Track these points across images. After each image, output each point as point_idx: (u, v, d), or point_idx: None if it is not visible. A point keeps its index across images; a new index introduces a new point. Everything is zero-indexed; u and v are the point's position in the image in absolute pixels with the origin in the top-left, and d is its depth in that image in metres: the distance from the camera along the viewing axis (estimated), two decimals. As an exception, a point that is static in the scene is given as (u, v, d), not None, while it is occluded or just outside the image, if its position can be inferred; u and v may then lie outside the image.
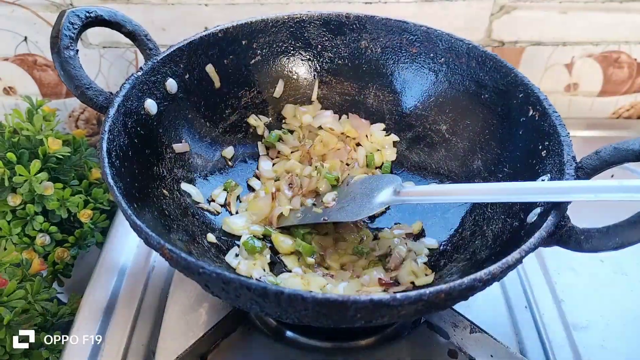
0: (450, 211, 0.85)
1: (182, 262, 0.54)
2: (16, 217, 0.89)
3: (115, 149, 0.69)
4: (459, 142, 0.89)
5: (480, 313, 0.82)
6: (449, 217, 0.85)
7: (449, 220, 0.85)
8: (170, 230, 0.74)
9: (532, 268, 0.92)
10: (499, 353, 0.74)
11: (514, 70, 0.80)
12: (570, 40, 1.13)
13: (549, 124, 0.71)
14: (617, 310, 0.87)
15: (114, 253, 0.92)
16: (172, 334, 0.79)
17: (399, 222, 0.88)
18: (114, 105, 0.71)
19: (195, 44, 0.85)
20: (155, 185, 0.78)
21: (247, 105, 0.96)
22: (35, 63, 1.14)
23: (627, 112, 1.26)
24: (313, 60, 0.97)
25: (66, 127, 1.25)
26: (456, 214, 0.84)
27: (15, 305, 0.78)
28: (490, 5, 1.07)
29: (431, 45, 0.90)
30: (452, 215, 0.85)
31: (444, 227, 0.85)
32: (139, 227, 0.58)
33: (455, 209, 0.85)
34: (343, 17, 0.93)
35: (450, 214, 0.85)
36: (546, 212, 0.63)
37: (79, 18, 0.72)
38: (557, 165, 0.67)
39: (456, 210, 0.84)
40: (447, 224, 0.84)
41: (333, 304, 0.50)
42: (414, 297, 0.50)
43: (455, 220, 0.84)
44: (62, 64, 0.71)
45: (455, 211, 0.85)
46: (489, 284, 0.55)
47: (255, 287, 0.51)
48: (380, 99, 0.97)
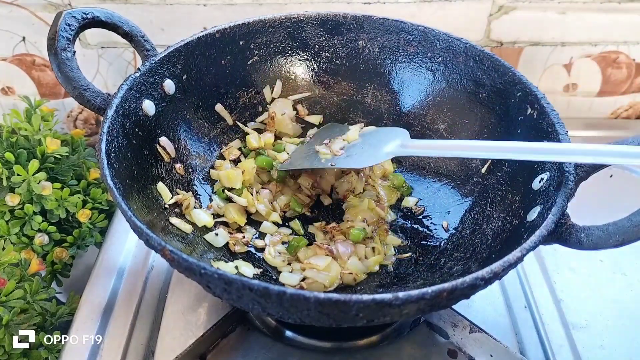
0: (450, 210, 0.85)
1: (184, 263, 0.54)
2: (14, 217, 0.89)
3: (114, 150, 0.69)
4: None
5: (479, 313, 0.82)
6: (449, 216, 0.85)
7: (448, 219, 0.85)
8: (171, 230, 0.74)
9: (532, 268, 0.92)
10: (499, 353, 0.74)
11: (512, 69, 0.80)
12: (569, 40, 1.13)
13: (548, 122, 0.72)
14: (617, 310, 0.87)
15: (112, 253, 0.92)
16: (171, 334, 0.78)
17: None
18: (112, 106, 0.71)
19: (192, 45, 0.85)
20: (154, 186, 0.78)
21: (245, 105, 0.96)
22: (34, 63, 1.14)
23: (626, 112, 1.26)
24: (311, 60, 0.97)
25: (64, 127, 1.25)
26: (456, 212, 0.84)
27: (14, 305, 0.78)
28: (489, 5, 1.07)
29: (429, 45, 0.90)
30: (452, 214, 0.85)
31: (443, 227, 0.85)
32: (140, 228, 0.58)
33: (455, 208, 0.85)
34: (340, 17, 0.93)
35: (450, 214, 0.85)
36: (546, 210, 0.63)
37: (75, 19, 0.72)
38: (556, 164, 0.67)
39: (456, 208, 0.85)
40: (447, 223, 0.85)
41: (335, 304, 0.50)
42: (416, 296, 0.50)
43: (455, 218, 0.84)
44: (60, 65, 0.71)
45: (455, 210, 0.85)
46: (490, 282, 0.55)
47: (257, 287, 0.50)
48: (378, 99, 0.97)
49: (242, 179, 0.86)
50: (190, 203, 0.81)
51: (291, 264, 0.80)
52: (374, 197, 0.89)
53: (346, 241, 0.81)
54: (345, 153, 0.86)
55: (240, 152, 0.93)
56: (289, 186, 0.90)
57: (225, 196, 0.85)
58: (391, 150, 0.81)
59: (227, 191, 0.85)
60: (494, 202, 0.79)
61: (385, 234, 0.85)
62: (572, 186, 0.63)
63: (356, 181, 0.90)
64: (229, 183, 0.86)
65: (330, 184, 0.90)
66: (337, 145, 0.88)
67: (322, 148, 0.88)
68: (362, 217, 0.85)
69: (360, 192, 0.90)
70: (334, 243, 0.81)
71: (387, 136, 0.84)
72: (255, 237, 0.83)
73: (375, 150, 0.83)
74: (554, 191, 0.65)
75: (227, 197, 0.85)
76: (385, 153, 0.81)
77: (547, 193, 0.67)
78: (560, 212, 0.61)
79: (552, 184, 0.67)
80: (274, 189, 0.89)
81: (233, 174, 0.85)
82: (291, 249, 0.80)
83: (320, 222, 0.86)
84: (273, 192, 0.88)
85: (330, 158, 0.86)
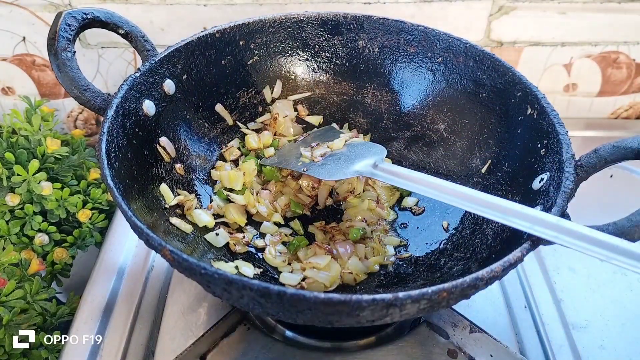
0: (450, 210, 0.85)
1: (184, 263, 0.54)
2: (15, 217, 0.89)
3: (114, 150, 0.69)
4: (458, 141, 0.89)
5: (479, 313, 0.82)
6: (449, 216, 0.85)
7: (448, 219, 0.85)
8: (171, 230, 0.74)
9: (532, 268, 0.92)
10: (499, 353, 0.74)
11: (512, 69, 0.80)
12: (569, 40, 1.13)
13: (548, 122, 0.71)
14: (617, 310, 0.87)
15: (112, 253, 0.92)
16: (171, 334, 0.79)
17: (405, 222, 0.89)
18: (112, 106, 0.71)
19: (192, 45, 0.85)
20: (154, 186, 0.78)
21: (245, 105, 0.96)
22: (34, 63, 1.14)
23: (626, 112, 1.26)
24: (311, 60, 0.97)
25: (64, 127, 1.25)
26: (456, 212, 0.84)
27: (14, 305, 0.78)
28: (489, 5, 1.07)
29: (429, 45, 0.90)
30: (452, 214, 0.85)
31: (443, 227, 0.85)
32: (140, 228, 0.57)
33: (455, 208, 0.85)
34: (340, 17, 0.93)
35: (450, 213, 0.85)
36: (546, 210, 0.63)
37: (75, 19, 0.72)
38: (557, 164, 0.67)
39: (456, 208, 0.84)
40: (447, 223, 0.85)
41: (335, 304, 0.50)
42: (415, 296, 0.50)
43: (455, 218, 0.84)
44: (60, 65, 0.71)
45: (455, 210, 0.85)
46: (490, 282, 0.55)
47: (257, 287, 0.50)
48: (378, 99, 0.97)
49: (242, 181, 0.86)
50: (192, 204, 0.81)
51: (291, 264, 0.80)
52: (373, 198, 0.89)
53: (346, 241, 0.81)
54: (322, 161, 0.86)
55: (240, 153, 0.93)
56: (290, 187, 0.90)
57: (226, 196, 0.85)
58: (360, 169, 0.80)
59: (227, 191, 0.85)
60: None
61: (385, 234, 0.85)
62: (572, 186, 0.63)
63: (356, 182, 0.89)
64: (229, 184, 0.86)
65: (330, 185, 0.90)
66: (319, 152, 0.88)
67: (305, 151, 0.88)
68: (362, 217, 0.85)
69: (360, 192, 0.90)
70: (334, 243, 0.81)
71: (365, 152, 0.84)
72: (256, 237, 0.83)
73: (347, 165, 0.82)
74: (554, 191, 0.65)
75: (228, 198, 0.85)
76: (353, 171, 0.81)
77: (547, 193, 0.67)
78: (560, 212, 0.61)
79: (552, 184, 0.67)
80: (274, 189, 0.89)
81: (234, 175, 0.86)
82: (291, 248, 0.80)
83: (320, 221, 0.86)
84: (273, 193, 0.89)
85: (307, 163, 0.86)
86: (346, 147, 0.89)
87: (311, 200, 0.89)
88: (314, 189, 0.89)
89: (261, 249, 0.82)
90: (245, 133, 0.95)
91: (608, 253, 0.54)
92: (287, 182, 0.91)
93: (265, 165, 0.90)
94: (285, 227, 0.86)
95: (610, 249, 0.54)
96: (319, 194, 0.89)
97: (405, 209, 0.90)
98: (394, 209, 0.90)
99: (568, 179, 0.64)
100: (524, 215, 0.60)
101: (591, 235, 0.55)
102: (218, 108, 0.92)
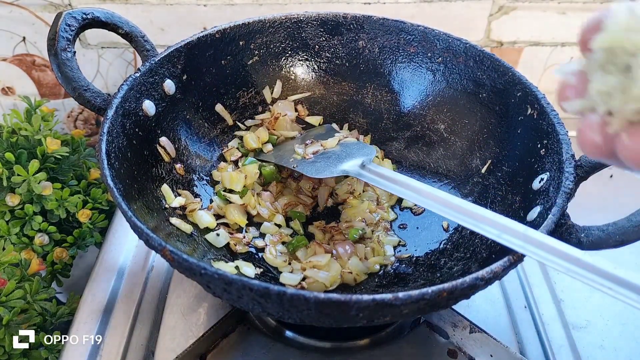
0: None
1: (184, 263, 0.54)
2: (15, 217, 0.89)
3: (114, 150, 0.69)
4: (458, 141, 0.90)
5: (479, 313, 0.82)
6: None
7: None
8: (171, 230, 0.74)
9: (532, 268, 0.92)
10: (499, 353, 0.74)
11: (512, 69, 0.80)
12: (569, 40, 1.13)
13: (548, 122, 0.72)
14: (617, 310, 0.87)
15: (112, 253, 0.92)
16: (171, 334, 0.79)
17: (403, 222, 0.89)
18: (112, 107, 0.71)
19: (192, 45, 0.85)
20: (154, 187, 0.78)
21: (245, 105, 0.96)
22: (34, 63, 1.14)
23: (625, 111, 1.26)
24: (311, 60, 0.97)
25: (65, 127, 1.25)
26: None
27: (14, 305, 0.78)
28: (489, 5, 1.07)
29: (429, 45, 0.90)
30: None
31: (443, 227, 0.85)
32: (140, 228, 0.57)
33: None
34: (340, 17, 0.93)
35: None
36: (546, 210, 0.63)
37: (75, 20, 0.72)
38: (556, 164, 0.67)
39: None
40: (447, 223, 0.85)
41: (335, 304, 0.50)
42: (416, 296, 0.50)
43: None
44: (60, 65, 0.71)
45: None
46: (490, 282, 0.55)
47: (257, 287, 0.50)
48: (378, 99, 0.97)
49: (243, 182, 0.86)
50: (196, 207, 0.81)
51: (291, 264, 0.80)
52: (373, 199, 0.89)
53: (345, 241, 0.82)
54: (313, 158, 0.87)
55: (241, 154, 0.93)
56: (290, 188, 0.90)
57: (224, 197, 0.85)
58: (347, 168, 0.80)
59: (226, 192, 0.85)
60: (494, 202, 0.79)
61: (385, 234, 0.85)
62: (572, 186, 0.63)
63: (356, 183, 0.90)
64: (230, 185, 0.86)
65: (330, 187, 0.90)
66: (312, 149, 0.88)
67: (299, 148, 0.89)
68: (361, 217, 0.85)
69: (360, 193, 0.90)
70: (334, 243, 0.81)
71: (355, 152, 0.85)
72: (256, 237, 0.84)
73: (335, 164, 0.83)
74: (554, 191, 0.65)
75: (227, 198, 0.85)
76: (341, 170, 0.81)
77: (547, 193, 0.67)
78: (560, 213, 0.61)
79: (552, 184, 0.67)
80: (274, 190, 0.89)
81: (235, 176, 0.86)
82: (290, 247, 0.80)
83: (320, 221, 0.87)
84: (274, 194, 0.89)
85: (299, 160, 0.87)
86: (339, 146, 0.89)
87: (312, 201, 0.89)
88: (315, 190, 0.89)
89: (261, 249, 0.82)
90: (242, 135, 0.95)
91: (570, 266, 0.51)
92: (288, 183, 0.91)
93: (261, 161, 0.91)
94: (285, 228, 0.86)
95: (574, 262, 0.51)
96: (319, 194, 0.89)
97: (406, 209, 0.90)
98: (394, 210, 0.90)
99: (568, 179, 0.64)
100: (493, 222, 0.60)
101: (556, 247, 0.53)
102: (218, 108, 0.92)
